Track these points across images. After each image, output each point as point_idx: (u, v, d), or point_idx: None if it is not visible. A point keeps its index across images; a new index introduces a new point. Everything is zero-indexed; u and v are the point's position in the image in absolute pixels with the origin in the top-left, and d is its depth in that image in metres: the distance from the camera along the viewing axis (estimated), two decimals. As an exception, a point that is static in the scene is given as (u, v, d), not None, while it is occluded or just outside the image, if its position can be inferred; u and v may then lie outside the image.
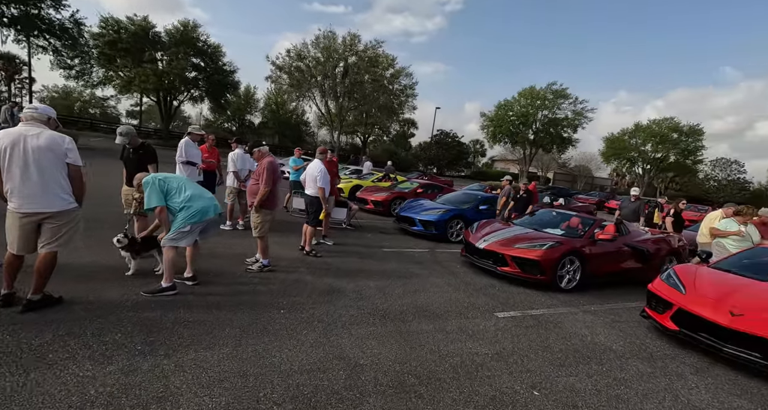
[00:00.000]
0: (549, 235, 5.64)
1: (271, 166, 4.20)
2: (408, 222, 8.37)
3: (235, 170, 6.26)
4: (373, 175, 14.64)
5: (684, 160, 39.18)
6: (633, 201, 8.48)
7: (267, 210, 4.36)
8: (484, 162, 69.43)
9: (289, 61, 24.30)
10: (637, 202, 8.41)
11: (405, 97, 37.89)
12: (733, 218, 5.46)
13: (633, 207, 8.32)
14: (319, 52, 23.46)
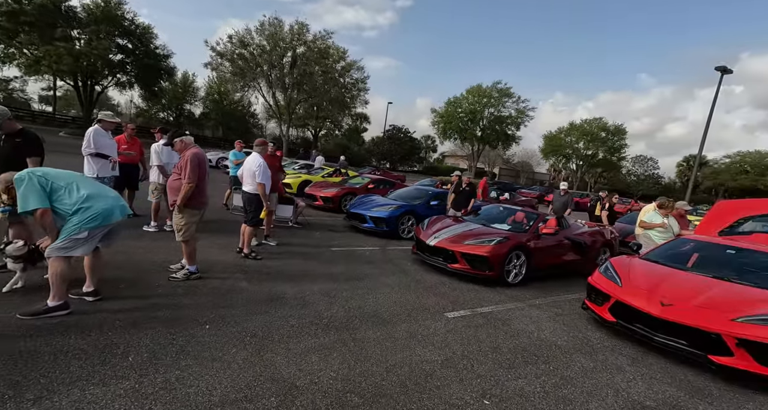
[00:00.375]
0: (497, 231, 5.69)
1: (195, 159, 3.65)
2: (358, 219, 8.09)
3: (159, 164, 5.51)
4: (324, 170, 14.14)
5: (611, 156, 43.32)
6: (562, 194, 8.94)
7: (192, 210, 3.82)
8: (435, 157, 71.25)
9: (231, 47, 22.53)
10: (566, 196, 8.86)
11: (357, 91, 37.37)
12: (657, 211, 5.91)
13: (563, 200, 8.82)
14: (264, 39, 22.02)
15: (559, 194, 9.08)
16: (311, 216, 9.07)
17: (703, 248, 4.41)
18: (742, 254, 4.06)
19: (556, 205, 8.85)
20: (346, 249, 6.34)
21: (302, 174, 13.55)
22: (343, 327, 3.30)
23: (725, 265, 3.99)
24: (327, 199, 10.30)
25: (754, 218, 4.89)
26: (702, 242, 4.52)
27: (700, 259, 4.23)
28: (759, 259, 3.93)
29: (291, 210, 7.66)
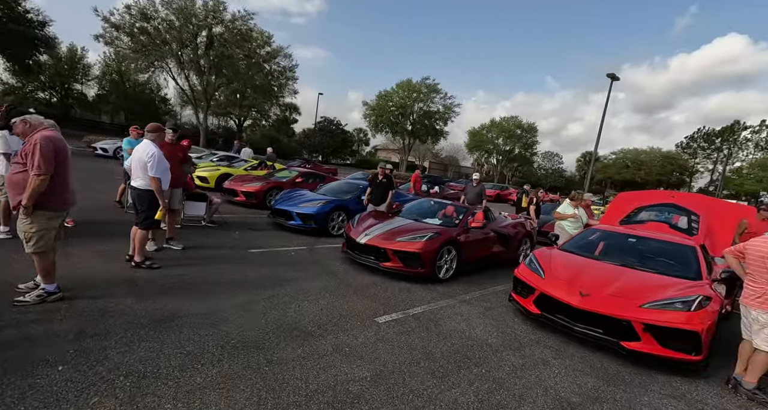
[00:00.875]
0: (428, 226, 5.58)
1: (47, 143, 2.76)
2: (284, 216, 7.43)
3: (6, 151, 4.25)
4: (247, 163, 12.93)
5: (525, 152, 47.74)
6: (475, 185, 8.90)
7: (48, 212, 2.92)
8: (368, 151, 71.51)
9: (130, 19, 19.22)
10: (479, 186, 8.86)
11: (285, 80, 35.41)
12: (569, 203, 6.38)
13: (476, 191, 8.76)
14: (172, 14, 19.25)
15: (472, 185, 8.99)
16: (230, 213, 8.13)
17: (609, 237, 4.79)
18: (640, 242, 4.48)
19: (470, 196, 8.74)
20: (269, 250, 5.71)
21: (221, 166, 12.21)
22: (255, 348, 2.80)
23: (628, 253, 4.36)
24: (249, 194, 9.36)
25: (646, 208, 5.49)
26: (607, 232, 4.91)
27: (607, 248, 4.57)
28: (654, 246, 4.37)
29: (203, 208, 6.71)
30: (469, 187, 9.07)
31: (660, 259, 4.11)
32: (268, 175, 10.96)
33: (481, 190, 8.81)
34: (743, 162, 46.26)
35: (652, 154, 48.78)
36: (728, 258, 3.18)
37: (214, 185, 11.24)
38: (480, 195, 8.70)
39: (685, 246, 4.17)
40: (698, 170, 52.02)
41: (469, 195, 8.84)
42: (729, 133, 47.60)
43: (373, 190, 7.40)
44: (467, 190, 9.08)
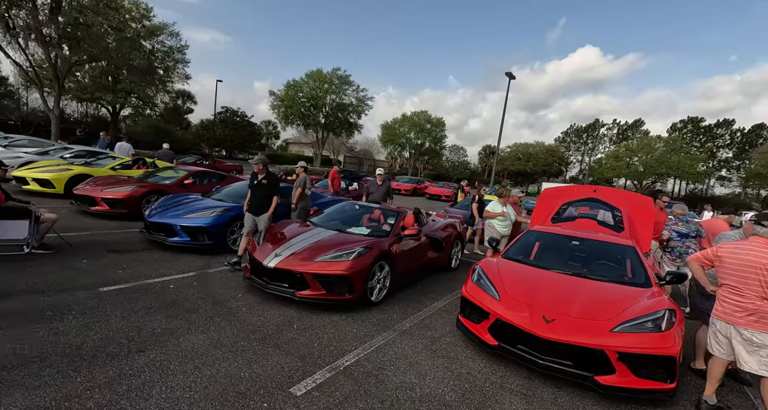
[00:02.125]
0: (355, 238, 4.59)
1: None
2: (165, 231, 5.67)
3: None
4: (116, 160, 10.13)
5: (435, 145, 50.03)
6: (380, 183, 7.75)
7: None
8: (278, 144, 67.13)
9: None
10: (385, 184, 7.76)
11: (172, 62, 30.39)
12: (497, 200, 6.09)
13: (382, 190, 7.69)
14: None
15: (377, 183, 7.75)
16: (82, 231, 5.96)
17: (550, 240, 4.46)
18: (583, 243, 4.21)
19: (375, 195, 7.56)
20: (134, 284, 4.08)
21: (74, 165, 9.31)
22: None
23: (574, 258, 4.05)
24: (114, 201, 7.13)
25: (571, 203, 5.40)
26: (547, 233, 4.58)
27: (552, 253, 4.21)
28: (596, 248, 4.14)
29: (25, 228, 4.62)
30: (372, 186, 7.83)
31: (606, 263, 3.86)
32: (144, 176, 8.64)
33: (387, 188, 7.69)
34: (602, 154, 56.07)
35: (537, 148, 55.79)
36: (692, 265, 2.93)
37: (63, 190, 8.46)
38: (386, 194, 7.64)
39: (625, 246, 4.00)
40: (571, 161, 61.55)
41: (373, 194, 7.63)
42: (592, 129, 57.45)
43: (252, 192, 5.32)
44: (371, 188, 7.80)
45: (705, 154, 48.42)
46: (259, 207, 5.20)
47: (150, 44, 27.84)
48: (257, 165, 5.19)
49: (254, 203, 5.23)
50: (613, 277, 3.51)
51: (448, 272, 6.11)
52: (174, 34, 29.51)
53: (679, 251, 4.69)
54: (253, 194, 5.27)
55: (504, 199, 6.01)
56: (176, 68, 31.15)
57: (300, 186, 6.60)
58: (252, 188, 5.30)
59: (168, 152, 13.44)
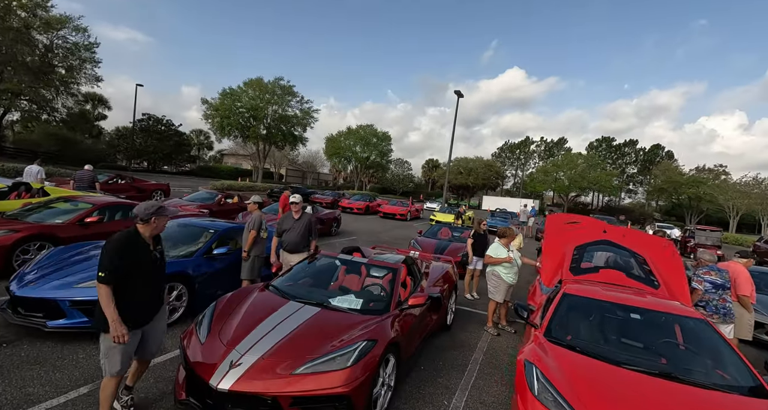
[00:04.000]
0: (346, 318, 3.27)
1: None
2: (43, 309, 3.77)
3: None
4: None
5: (381, 159, 49.76)
6: (297, 218, 5.10)
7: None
8: (211, 155, 61.65)
9: None
10: (305, 219, 5.13)
11: (78, 61, 25.92)
12: (499, 242, 5.21)
13: (301, 226, 5.05)
14: None
15: (292, 217, 5.13)
16: None
17: (598, 309, 3.54)
18: (644, 317, 3.34)
19: (291, 235, 5.02)
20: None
21: None
22: None
23: (638, 336, 3.19)
24: (-33, 258, 4.88)
25: (586, 249, 4.71)
26: (591, 301, 3.59)
27: (608, 331, 3.32)
28: (662, 323, 3.31)
29: None
30: (286, 220, 5.19)
31: (682, 348, 3.07)
32: (22, 211, 6.29)
33: (309, 225, 5.14)
34: (533, 169, 60.78)
35: (477, 162, 58.55)
36: None
37: None
38: (308, 232, 5.13)
39: (699, 321, 3.22)
40: (507, 175, 65.77)
41: (288, 233, 5.05)
42: (523, 146, 62.27)
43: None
44: (283, 224, 5.17)
45: (617, 169, 55.02)
46: None
47: (47, 39, 23.39)
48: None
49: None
50: (707, 378, 2.69)
51: (444, 333, 5.03)
52: (80, 29, 25.28)
53: (715, 305, 4.18)
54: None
55: (507, 240, 5.15)
56: (83, 68, 26.64)
57: (253, 228, 5.04)
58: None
59: (87, 174, 10.56)
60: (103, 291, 2.37)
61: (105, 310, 2.38)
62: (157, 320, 2.78)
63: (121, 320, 2.41)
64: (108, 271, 2.37)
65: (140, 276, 2.54)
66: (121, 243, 2.46)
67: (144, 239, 2.59)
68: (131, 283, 2.49)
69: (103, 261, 2.40)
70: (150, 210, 2.58)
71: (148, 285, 2.62)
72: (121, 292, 2.44)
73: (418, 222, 21.93)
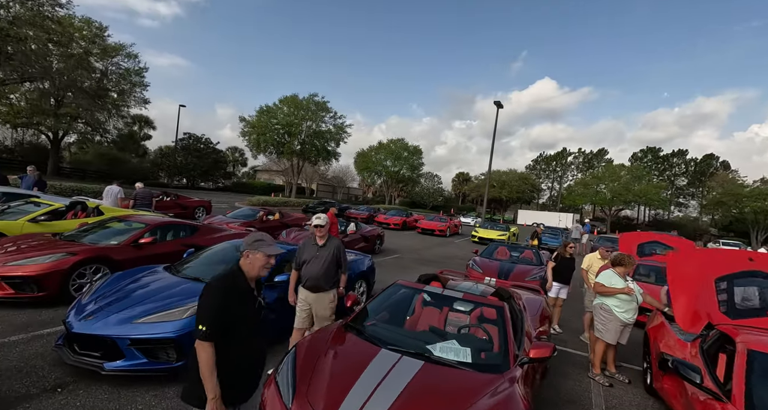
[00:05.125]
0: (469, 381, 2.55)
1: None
2: (100, 347, 3.33)
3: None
4: (40, 208, 7.38)
5: (412, 173, 49.27)
6: (322, 244, 3.81)
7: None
8: (244, 171, 63.62)
9: None
10: (332, 245, 3.84)
11: (129, 85, 27.50)
12: (614, 269, 4.33)
13: (328, 255, 3.75)
14: None
15: (315, 243, 3.82)
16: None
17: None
18: None
19: (313, 268, 3.72)
20: None
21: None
22: None
23: None
24: (22, 281, 4.62)
25: (733, 282, 3.75)
26: None
27: None
28: None
29: None
30: (307, 248, 3.86)
31: None
32: (79, 233, 6.11)
33: (337, 253, 3.86)
34: (571, 181, 58.06)
35: (510, 175, 56.72)
36: None
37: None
38: (336, 265, 3.86)
39: None
40: (542, 188, 63.23)
41: (309, 266, 3.75)
42: (560, 157, 59.79)
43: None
44: (303, 253, 3.86)
45: (665, 181, 51.41)
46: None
47: (103, 65, 24.98)
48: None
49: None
50: None
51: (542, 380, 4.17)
52: (132, 56, 26.92)
53: None
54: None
55: (625, 269, 4.27)
56: (133, 92, 28.24)
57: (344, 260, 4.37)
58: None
59: (147, 193, 10.71)
60: (206, 353, 1.78)
61: (205, 381, 1.78)
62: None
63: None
64: (211, 324, 1.80)
65: (243, 331, 1.95)
66: (226, 286, 1.92)
67: (247, 281, 2.04)
68: (231, 342, 1.90)
69: (204, 310, 1.84)
70: (247, 242, 2.06)
71: (250, 344, 2.02)
72: (217, 353, 1.85)
73: (459, 239, 20.95)
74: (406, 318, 3.88)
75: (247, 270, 2.03)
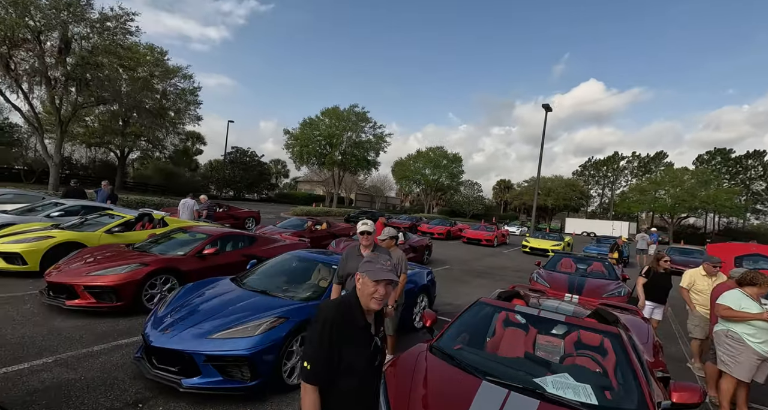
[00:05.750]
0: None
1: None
2: (177, 362, 3.25)
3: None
4: (114, 219, 7.84)
5: (452, 181, 48.31)
6: (376, 244, 3.69)
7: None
8: (285, 183, 65.92)
9: None
10: (397, 256, 3.80)
11: (184, 104, 29.54)
12: (741, 289, 3.64)
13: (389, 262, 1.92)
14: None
15: (361, 256, 3.41)
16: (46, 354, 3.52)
17: None
18: None
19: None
20: None
21: (58, 230, 7.05)
22: None
23: None
24: (102, 290, 4.77)
25: None
26: None
27: None
28: None
29: None
30: (350, 259, 3.54)
31: None
32: (149, 243, 6.34)
33: (400, 262, 3.77)
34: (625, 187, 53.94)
35: (557, 182, 53.85)
36: None
37: (38, 267, 6.15)
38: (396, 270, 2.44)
39: None
40: (592, 195, 59.35)
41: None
42: (611, 162, 55.84)
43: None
44: (347, 263, 3.53)
45: (738, 186, 46.16)
46: None
47: (162, 86, 27.05)
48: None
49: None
50: None
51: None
52: (187, 77, 28.95)
53: None
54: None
55: (760, 290, 3.57)
56: (188, 110, 30.29)
57: (404, 272, 4.13)
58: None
59: (210, 204, 11.72)
60: (309, 398, 1.45)
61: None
62: None
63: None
64: (315, 363, 1.47)
65: (350, 381, 1.55)
66: (336, 317, 1.55)
67: (363, 314, 1.63)
68: (332, 391, 1.52)
69: (309, 344, 1.53)
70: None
71: (358, 399, 1.59)
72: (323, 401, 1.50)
73: (508, 249, 19.94)
74: (487, 339, 3.48)
75: (361, 299, 1.64)
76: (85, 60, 14.41)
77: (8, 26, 12.51)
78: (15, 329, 4.15)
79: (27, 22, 13.02)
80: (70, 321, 4.54)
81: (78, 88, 15.26)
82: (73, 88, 15.51)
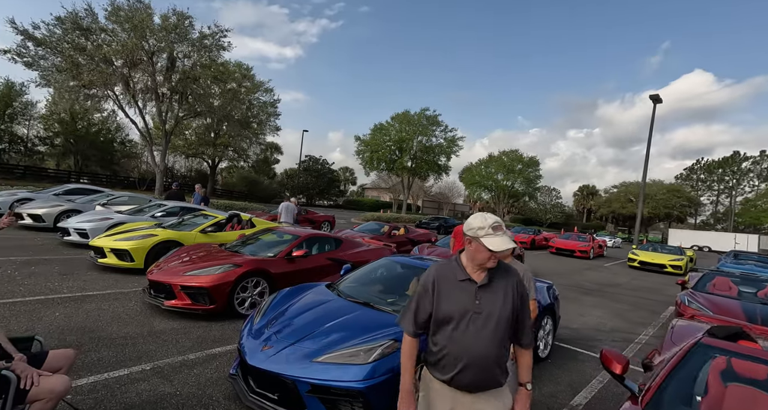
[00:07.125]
0: None
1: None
2: (276, 387, 2.65)
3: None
4: (208, 220, 8.00)
5: (527, 187, 44.73)
6: (484, 284, 1.55)
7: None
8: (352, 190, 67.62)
9: (60, 33, 14.45)
10: (510, 282, 1.61)
11: (265, 116, 31.69)
12: None
13: (492, 310, 1.49)
14: (119, 26, 14.70)
15: (465, 283, 1.56)
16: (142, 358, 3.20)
17: None
18: None
19: (468, 341, 1.55)
20: None
21: (160, 229, 7.30)
22: None
23: None
24: (197, 291, 4.52)
25: None
26: None
27: None
28: None
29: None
30: (447, 292, 1.65)
31: None
32: (239, 243, 6.16)
33: (521, 300, 1.69)
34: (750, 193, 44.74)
35: (655, 187, 46.78)
36: None
37: (143, 264, 6.34)
38: (520, 323, 1.69)
39: None
40: (703, 202, 50.39)
41: (465, 330, 1.58)
42: (729, 163, 46.61)
43: None
44: (441, 299, 1.64)
45: None
46: None
47: (247, 100, 29.34)
48: None
49: None
50: None
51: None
52: (268, 90, 31.04)
53: None
54: None
55: None
56: (269, 121, 32.44)
57: (533, 297, 3.08)
58: None
59: (294, 208, 10.98)
60: None
61: None
62: None
63: None
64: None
65: None
66: None
67: None
68: None
69: None
70: None
71: None
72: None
73: (608, 262, 17.25)
74: (697, 398, 2.28)
75: None
76: (186, 75, 15.88)
77: (129, 49, 14.26)
78: (120, 328, 4.03)
79: (143, 44, 14.77)
80: (167, 322, 4.34)
81: (180, 101, 16.89)
82: (176, 102, 17.23)
